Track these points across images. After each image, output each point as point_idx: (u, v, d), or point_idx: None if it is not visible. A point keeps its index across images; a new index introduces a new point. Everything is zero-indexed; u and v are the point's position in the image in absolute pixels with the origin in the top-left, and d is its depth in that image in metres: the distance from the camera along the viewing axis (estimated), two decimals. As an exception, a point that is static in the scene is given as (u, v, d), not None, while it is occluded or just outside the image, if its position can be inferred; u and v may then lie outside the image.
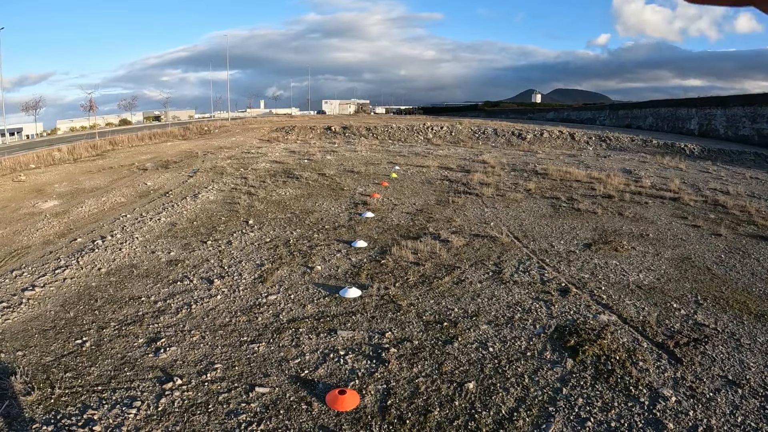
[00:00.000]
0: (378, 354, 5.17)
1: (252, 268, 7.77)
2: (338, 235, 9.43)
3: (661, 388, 4.54)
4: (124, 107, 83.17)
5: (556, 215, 11.03)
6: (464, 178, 15.83)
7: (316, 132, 33.95)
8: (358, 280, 7.13)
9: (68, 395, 4.52)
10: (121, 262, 8.19)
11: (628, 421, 4.10)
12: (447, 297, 6.58)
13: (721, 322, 5.86)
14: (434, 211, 11.43)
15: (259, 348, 5.32)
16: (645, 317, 5.97)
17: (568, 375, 4.76)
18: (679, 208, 11.75)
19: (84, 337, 5.63)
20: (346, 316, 6.05)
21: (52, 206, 12.90)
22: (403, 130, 32.42)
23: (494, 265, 7.73)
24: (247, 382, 4.70)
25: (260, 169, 17.89)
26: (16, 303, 6.61)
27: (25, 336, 5.71)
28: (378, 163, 19.42)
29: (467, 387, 4.56)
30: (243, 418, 4.17)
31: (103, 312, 6.31)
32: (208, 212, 11.47)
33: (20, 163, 21.42)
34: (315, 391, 4.54)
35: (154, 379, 4.77)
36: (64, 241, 9.57)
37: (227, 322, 5.97)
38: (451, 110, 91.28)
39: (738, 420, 4.11)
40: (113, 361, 5.11)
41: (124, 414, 4.24)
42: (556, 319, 5.94)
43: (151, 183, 15.73)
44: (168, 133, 36.90)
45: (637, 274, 7.42)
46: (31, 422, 4.15)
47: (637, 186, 14.43)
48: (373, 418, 4.16)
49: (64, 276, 7.59)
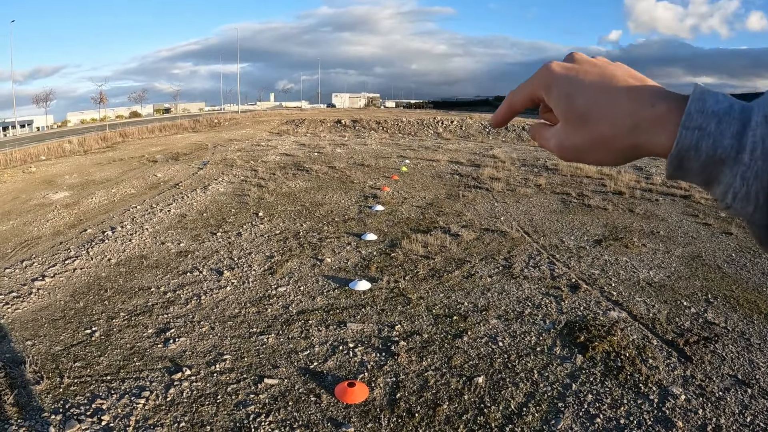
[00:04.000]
0: (387, 347, 5.16)
1: (262, 259, 7.78)
2: (348, 228, 9.42)
3: (671, 386, 4.50)
4: (135, 100, 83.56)
5: (567, 211, 10.96)
6: (474, 172, 15.77)
7: (326, 125, 33.94)
8: (368, 273, 7.12)
9: (77, 385, 4.56)
10: (131, 253, 8.23)
11: (637, 418, 4.08)
12: (457, 291, 6.56)
13: (731, 321, 5.81)
14: (444, 205, 11.40)
15: (268, 339, 5.33)
16: (655, 315, 5.93)
17: (577, 371, 4.74)
18: (690, 205, 11.64)
19: (93, 327, 5.67)
20: (356, 309, 6.05)
21: (62, 197, 12.98)
22: (413, 124, 32.34)
23: (504, 260, 7.70)
24: (256, 373, 4.71)
25: (270, 161, 17.91)
26: (26, 293, 6.66)
27: (35, 326, 5.75)
28: (388, 156, 19.38)
29: (476, 381, 4.55)
30: (251, 410, 4.18)
31: (113, 302, 6.34)
32: (218, 204, 11.50)
33: (31, 154, 21.59)
34: (324, 384, 4.54)
35: (163, 370, 4.79)
36: (74, 232, 9.63)
37: (236, 313, 5.99)
38: (462, 105, 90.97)
39: (747, 420, 4.07)
40: (122, 351, 5.14)
41: (133, 404, 4.26)
42: (566, 314, 5.91)
43: (161, 175, 15.79)
44: (178, 126, 37.03)
45: (648, 271, 7.36)
46: (40, 411, 4.19)
47: (648, 183, 14.31)
48: (381, 411, 4.16)
49: (74, 266, 7.64)
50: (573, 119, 0.53)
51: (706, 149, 0.45)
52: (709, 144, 0.44)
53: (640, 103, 0.50)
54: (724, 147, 0.44)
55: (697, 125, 0.45)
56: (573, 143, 0.54)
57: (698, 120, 0.45)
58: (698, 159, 0.45)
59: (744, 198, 0.43)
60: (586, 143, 0.53)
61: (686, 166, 0.46)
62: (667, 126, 0.47)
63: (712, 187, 0.47)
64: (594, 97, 0.52)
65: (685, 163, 0.46)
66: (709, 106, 0.45)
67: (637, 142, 0.50)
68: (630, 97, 0.50)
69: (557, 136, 0.56)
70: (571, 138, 0.54)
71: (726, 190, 0.45)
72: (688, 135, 0.45)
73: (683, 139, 0.45)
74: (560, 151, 0.56)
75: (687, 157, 0.46)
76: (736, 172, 0.43)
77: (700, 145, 0.45)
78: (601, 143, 0.52)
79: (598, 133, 0.52)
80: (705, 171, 0.46)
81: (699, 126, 0.45)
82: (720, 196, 0.46)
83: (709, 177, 0.46)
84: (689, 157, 0.46)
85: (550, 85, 0.55)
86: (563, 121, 0.55)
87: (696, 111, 0.45)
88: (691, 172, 0.47)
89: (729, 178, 0.44)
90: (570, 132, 0.54)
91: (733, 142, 0.44)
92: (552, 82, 0.55)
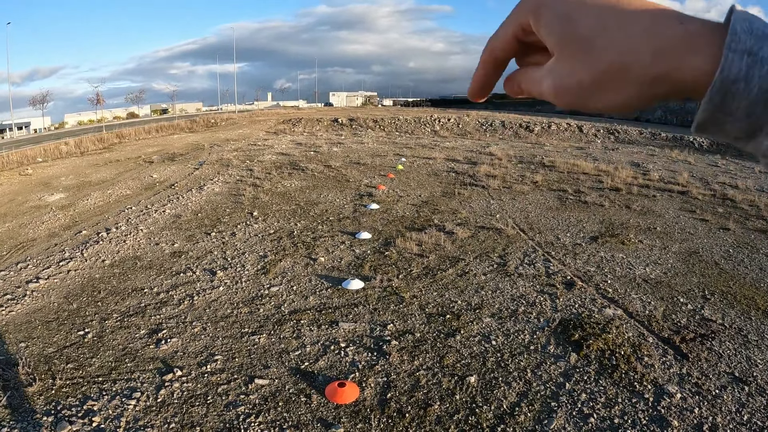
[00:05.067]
0: (379, 346, 5.13)
1: (255, 259, 7.74)
2: (342, 227, 9.38)
3: (666, 384, 4.47)
4: (132, 100, 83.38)
5: (563, 208, 10.93)
6: (471, 170, 15.73)
7: (323, 124, 33.89)
8: (362, 272, 7.09)
9: (69, 386, 4.53)
10: (125, 254, 8.19)
11: (631, 417, 4.04)
12: (450, 289, 6.52)
13: (728, 318, 5.77)
14: (440, 202, 11.36)
15: (259, 339, 5.30)
16: (651, 312, 5.89)
17: (571, 369, 4.70)
18: (687, 201, 11.62)
19: (86, 329, 5.63)
20: (348, 308, 6.01)
21: (58, 199, 12.94)
22: (410, 122, 32.31)
23: (499, 258, 7.67)
24: (247, 373, 4.68)
25: (266, 161, 17.86)
26: (20, 295, 6.62)
27: (28, 327, 5.72)
28: (384, 155, 19.34)
29: (469, 381, 4.51)
30: (241, 410, 4.15)
31: (106, 303, 6.31)
32: (213, 204, 11.46)
33: (27, 156, 21.54)
34: (315, 384, 4.51)
35: (154, 371, 4.76)
36: (70, 234, 9.59)
37: (229, 313, 5.95)
38: (459, 102, 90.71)
39: (744, 418, 4.04)
40: (114, 353, 5.10)
41: (124, 405, 4.23)
42: (561, 312, 5.87)
43: (157, 175, 15.74)
44: (175, 126, 36.96)
45: (644, 267, 7.33)
46: (32, 413, 4.17)
47: (645, 179, 14.29)
48: (372, 412, 4.12)
49: (69, 268, 7.59)
50: (574, 47, 0.41)
51: (760, 80, 0.34)
52: (764, 73, 0.34)
53: (664, 20, 0.38)
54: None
55: (747, 48, 0.34)
56: (575, 80, 0.41)
57: (748, 42, 0.34)
58: (748, 94, 0.34)
59: None
60: (593, 78, 0.40)
61: (731, 104, 0.35)
62: (704, 48, 0.36)
63: (757, 138, 0.37)
64: (600, 16, 0.40)
65: (730, 100, 0.35)
66: (758, 27, 0.35)
67: (662, 71, 0.37)
68: (650, 14, 0.39)
69: (552, 74, 0.43)
70: (573, 74, 0.41)
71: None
72: (736, 60, 0.34)
73: (729, 64, 0.34)
74: (558, 93, 0.43)
75: (734, 90, 0.35)
76: None
77: (751, 75, 0.34)
78: (613, 77, 0.39)
79: (609, 62, 0.39)
80: (754, 112, 0.35)
81: (749, 49, 0.34)
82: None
83: (757, 121, 0.36)
84: (737, 91, 0.35)
85: (539, 5, 0.43)
86: (559, 53, 0.42)
87: (743, 31, 0.35)
88: (735, 113, 0.36)
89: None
90: (570, 66, 0.41)
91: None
92: (542, 1, 0.42)
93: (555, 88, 0.43)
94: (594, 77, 0.40)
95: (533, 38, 0.45)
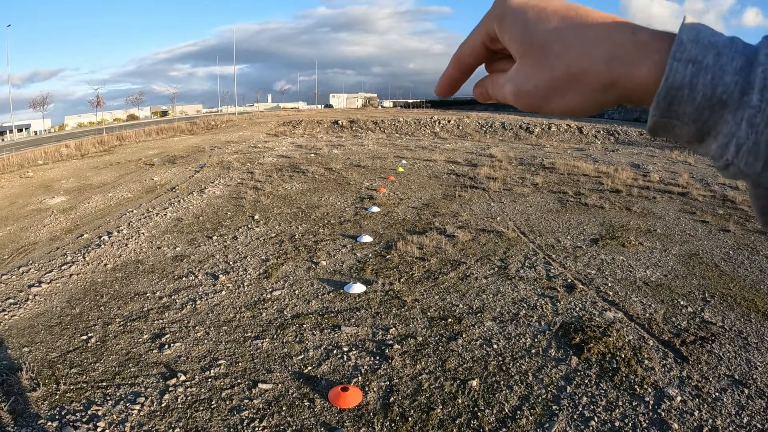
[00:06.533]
0: (381, 350, 5.16)
1: (257, 263, 7.77)
2: (344, 230, 9.41)
3: (667, 387, 4.50)
4: (132, 102, 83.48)
5: (563, 210, 10.96)
6: (471, 172, 15.76)
7: (323, 126, 33.92)
8: (363, 276, 7.12)
9: (73, 391, 4.55)
10: (127, 258, 8.22)
11: (632, 420, 4.07)
12: (452, 293, 6.55)
13: (728, 320, 5.80)
14: (440, 205, 11.39)
15: (262, 344, 5.33)
16: (651, 314, 5.92)
17: (572, 373, 4.73)
18: (688, 203, 11.64)
19: (89, 333, 5.66)
20: (351, 312, 6.04)
21: (59, 202, 12.97)
22: (410, 123, 32.33)
23: (500, 261, 7.70)
24: (250, 378, 4.71)
25: (267, 163, 17.89)
26: (22, 299, 6.65)
27: (31, 332, 5.75)
28: (385, 157, 19.37)
29: (470, 384, 4.54)
30: (245, 415, 4.18)
31: (109, 308, 6.33)
32: (214, 207, 11.49)
33: (28, 159, 21.56)
34: (318, 388, 4.53)
35: (158, 375, 4.79)
36: (71, 237, 9.62)
37: (231, 317, 5.98)
38: (459, 104, 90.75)
39: (744, 421, 4.06)
40: (118, 357, 5.13)
41: (128, 410, 4.26)
42: (562, 315, 5.90)
43: (158, 178, 15.77)
44: (175, 128, 36.94)
45: (644, 270, 7.36)
46: (36, 418, 4.19)
47: (645, 180, 14.32)
48: (375, 416, 4.15)
49: (71, 272, 7.62)
50: (532, 53, 0.43)
51: (704, 87, 0.36)
52: (707, 80, 0.36)
53: (618, 30, 0.40)
54: (726, 84, 0.36)
55: (692, 57, 0.36)
56: (533, 84, 0.44)
57: (692, 51, 0.36)
58: (693, 100, 0.37)
59: (751, 151, 0.35)
60: (549, 82, 0.43)
61: (677, 110, 0.37)
62: (652, 56, 0.38)
63: (706, 141, 0.38)
64: (558, 24, 0.42)
65: (676, 106, 0.37)
66: (705, 37, 0.37)
67: (613, 77, 0.40)
68: (605, 25, 0.41)
69: (513, 79, 0.46)
70: (531, 78, 0.44)
71: (727, 142, 0.36)
72: (680, 68, 0.36)
73: (674, 72, 0.37)
74: (517, 97, 0.46)
75: (679, 97, 0.37)
76: (741, 117, 0.35)
77: (695, 82, 0.36)
78: (568, 81, 0.42)
79: (564, 67, 0.42)
80: (700, 117, 0.37)
81: (693, 58, 0.36)
82: (718, 151, 0.37)
83: (704, 126, 0.37)
84: (682, 98, 0.37)
85: (503, 14, 0.45)
86: (519, 59, 0.45)
87: (689, 41, 0.37)
88: (682, 118, 0.38)
89: (731, 125, 0.36)
90: (528, 71, 0.44)
91: (736, 78, 0.35)
92: (506, 10, 0.45)
93: (514, 93, 0.46)
94: (549, 82, 0.43)
95: (500, 46, 0.48)
